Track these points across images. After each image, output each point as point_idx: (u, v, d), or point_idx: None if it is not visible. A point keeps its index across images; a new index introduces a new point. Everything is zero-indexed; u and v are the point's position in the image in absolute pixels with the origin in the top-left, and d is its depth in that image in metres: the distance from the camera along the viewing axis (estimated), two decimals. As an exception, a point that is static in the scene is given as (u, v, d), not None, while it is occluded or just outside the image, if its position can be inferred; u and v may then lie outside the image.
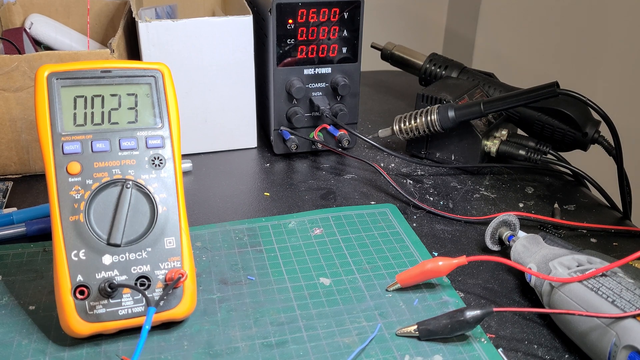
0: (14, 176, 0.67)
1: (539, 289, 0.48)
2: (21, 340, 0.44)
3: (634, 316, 0.40)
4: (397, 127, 0.70)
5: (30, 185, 0.65)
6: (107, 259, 0.44)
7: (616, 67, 1.23)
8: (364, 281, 0.51)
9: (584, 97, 0.62)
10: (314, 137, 0.71)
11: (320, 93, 0.71)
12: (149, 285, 0.44)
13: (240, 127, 0.73)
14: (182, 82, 0.67)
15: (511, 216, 0.55)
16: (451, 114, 0.66)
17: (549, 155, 0.68)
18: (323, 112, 0.70)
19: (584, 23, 1.28)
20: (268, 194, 0.65)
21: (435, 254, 0.56)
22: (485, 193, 0.67)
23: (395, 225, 0.59)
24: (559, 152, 0.70)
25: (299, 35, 0.67)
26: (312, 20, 0.67)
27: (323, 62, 0.69)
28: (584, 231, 0.60)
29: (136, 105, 0.48)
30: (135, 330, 0.44)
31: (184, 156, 0.71)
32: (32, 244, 0.55)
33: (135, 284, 0.44)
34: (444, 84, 0.75)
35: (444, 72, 0.81)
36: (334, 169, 0.71)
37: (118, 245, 0.44)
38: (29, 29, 0.77)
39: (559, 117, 0.69)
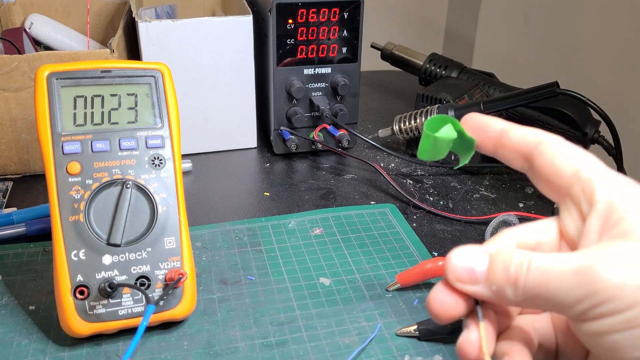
0: (14, 176, 0.67)
1: (538, 288, 0.48)
2: (21, 340, 0.44)
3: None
4: (397, 127, 0.70)
5: (30, 185, 0.65)
6: (107, 259, 0.44)
7: (616, 66, 1.23)
8: (364, 281, 0.51)
9: (584, 97, 0.62)
10: (314, 137, 0.71)
11: (320, 93, 0.71)
12: (149, 285, 0.44)
13: (240, 127, 0.73)
14: (182, 82, 0.67)
15: (511, 216, 0.55)
16: (451, 113, 0.66)
17: (549, 155, 0.68)
18: (323, 112, 0.70)
19: (584, 23, 1.28)
20: (268, 194, 0.65)
21: (435, 254, 0.56)
22: (485, 193, 0.67)
23: (395, 225, 0.59)
24: (559, 152, 0.70)
25: (298, 35, 0.67)
26: (312, 20, 0.67)
27: (323, 62, 0.69)
28: (584, 231, 0.60)
29: (136, 105, 0.48)
30: (136, 330, 0.44)
31: (184, 156, 0.71)
32: (32, 244, 0.55)
33: (135, 283, 0.44)
34: (443, 83, 0.75)
35: (444, 72, 0.81)
36: (334, 169, 0.71)
37: (118, 245, 0.44)
38: (29, 28, 0.77)
39: (559, 117, 0.69)
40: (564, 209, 0.31)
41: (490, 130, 0.33)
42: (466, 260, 0.30)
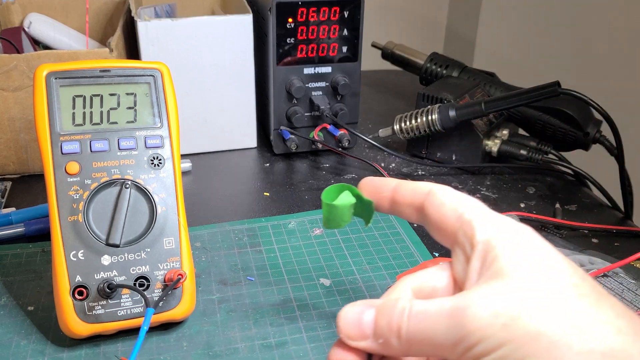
0: (13, 176, 0.67)
1: (540, 289, 0.48)
2: (20, 340, 0.44)
3: (636, 317, 0.40)
4: (397, 126, 0.70)
5: (29, 185, 0.65)
6: (106, 260, 0.44)
7: (617, 66, 1.23)
8: (364, 281, 0.51)
9: (586, 96, 0.62)
10: (314, 136, 0.71)
11: (321, 92, 0.70)
12: (148, 286, 0.44)
13: (240, 127, 0.73)
14: (181, 82, 0.67)
15: (512, 216, 0.55)
16: (452, 113, 0.66)
17: (550, 155, 0.68)
18: (323, 111, 0.69)
19: (585, 22, 1.28)
20: (268, 194, 0.65)
21: (436, 254, 0.55)
22: (486, 193, 0.66)
23: (396, 225, 0.59)
24: (561, 152, 0.70)
25: (299, 34, 0.67)
26: (312, 19, 0.67)
27: (323, 61, 0.69)
28: (586, 231, 0.60)
29: (135, 104, 0.48)
30: (135, 331, 0.44)
31: (184, 156, 0.71)
32: (30, 244, 0.54)
33: (134, 284, 0.44)
34: (444, 83, 0.75)
35: (444, 72, 0.81)
36: (334, 169, 0.71)
37: (117, 246, 0.44)
38: (28, 28, 0.77)
39: (561, 116, 0.69)
40: (454, 254, 0.32)
41: (385, 190, 0.35)
42: (354, 317, 0.30)
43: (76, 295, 0.43)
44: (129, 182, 0.45)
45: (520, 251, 0.28)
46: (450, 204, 0.32)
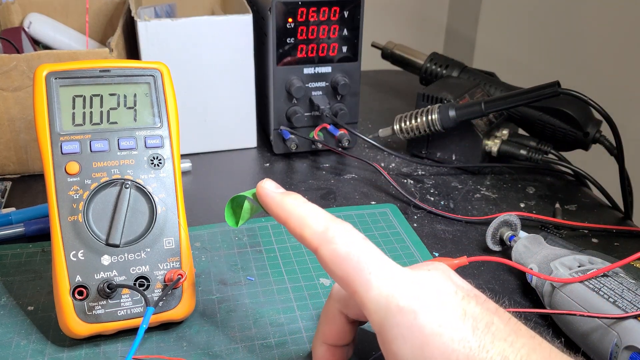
0: (13, 176, 0.67)
1: (540, 289, 0.48)
2: (20, 340, 0.44)
3: (636, 317, 0.40)
4: (397, 126, 0.70)
5: (28, 185, 0.65)
6: (106, 260, 0.44)
7: (618, 66, 1.23)
8: (364, 281, 0.51)
9: (585, 96, 0.62)
10: (314, 136, 0.71)
11: (320, 92, 0.70)
12: (148, 286, 0.44)
13: (240, 127, 0.73)
14: (181, 82, 0.67)
15: (512, 216, 0.55)
16: (452, 113, 0.66)
17: (550, 155, 0.68)
18: (323, 111, 0.69)
19: (585, 22, 1.28)
20: (268, 194, 0.65)
21: (436, 254, 0.55)
22: (486, 193, 0.66)
23: (396, 226, 0.59)
24: (560, 152, 0.70)
25: (298, 34, 0.67)
26: (312, 19, 0.67)
27: (323, 61, 0.69)
28: (586, 231, 0.60)
29: (135, 104, 0.48)
30: (134, 331, 0.44)
31: (184, 156, 0.71)
32: (30, 244, 0.54)
33: (134, 284, 0.44)
34: (444, 83, 0.75)
35: (444, 72, 0.81)
36: (334, 169, 0.71)
37: (117, 246, 0.44)
38: (28, 28, 0.77)
39: (560, 116, 0.69)
40: None
41: (274, 215, 0.40)
42: None
43: (76, 295, 0.42)
44: (129, 182, 0.45)
45: (408, 341, 0.31)
46: (340, 275, 0.35)
